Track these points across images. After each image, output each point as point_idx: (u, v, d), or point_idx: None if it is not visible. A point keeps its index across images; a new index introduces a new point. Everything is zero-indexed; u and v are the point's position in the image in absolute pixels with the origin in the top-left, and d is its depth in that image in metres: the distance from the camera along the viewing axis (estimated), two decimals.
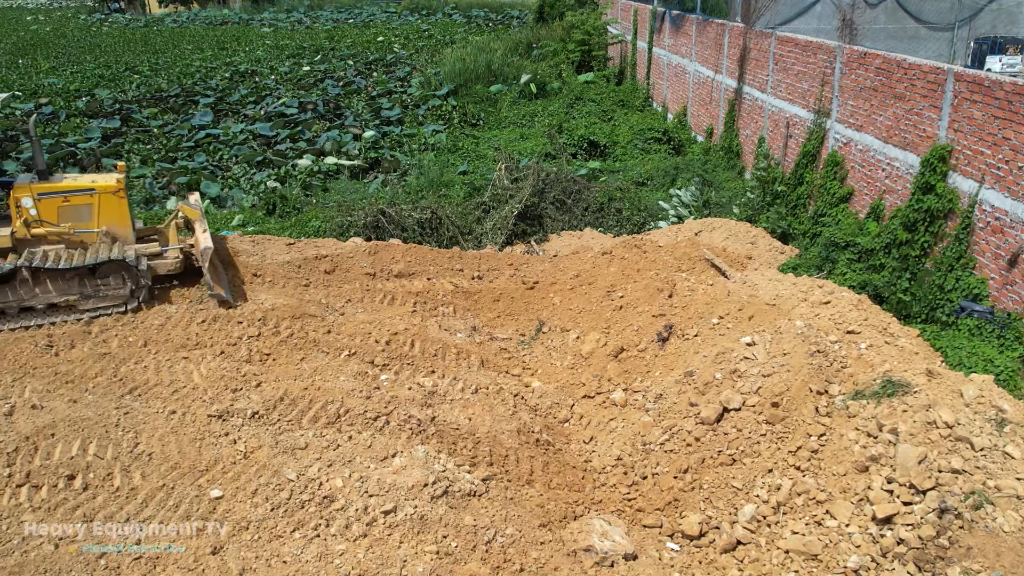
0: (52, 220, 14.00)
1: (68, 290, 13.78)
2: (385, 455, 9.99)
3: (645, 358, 12.89)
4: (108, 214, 14.35)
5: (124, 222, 14.57)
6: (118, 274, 13.98)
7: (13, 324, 13.45)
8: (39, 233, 13.95)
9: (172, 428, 10.37)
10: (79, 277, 13.78)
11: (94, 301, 13.95)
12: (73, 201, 14.09)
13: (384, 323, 13.96)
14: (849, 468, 9.36)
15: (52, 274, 13.60)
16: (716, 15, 30.91)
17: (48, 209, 13.94)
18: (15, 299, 13.52)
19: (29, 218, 13.83)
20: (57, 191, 14.02)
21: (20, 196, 13.74)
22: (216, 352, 12.59)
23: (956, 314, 13.45)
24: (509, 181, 22.86)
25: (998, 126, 13.30)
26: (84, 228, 14.23)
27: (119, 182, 14.46)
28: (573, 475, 10.97)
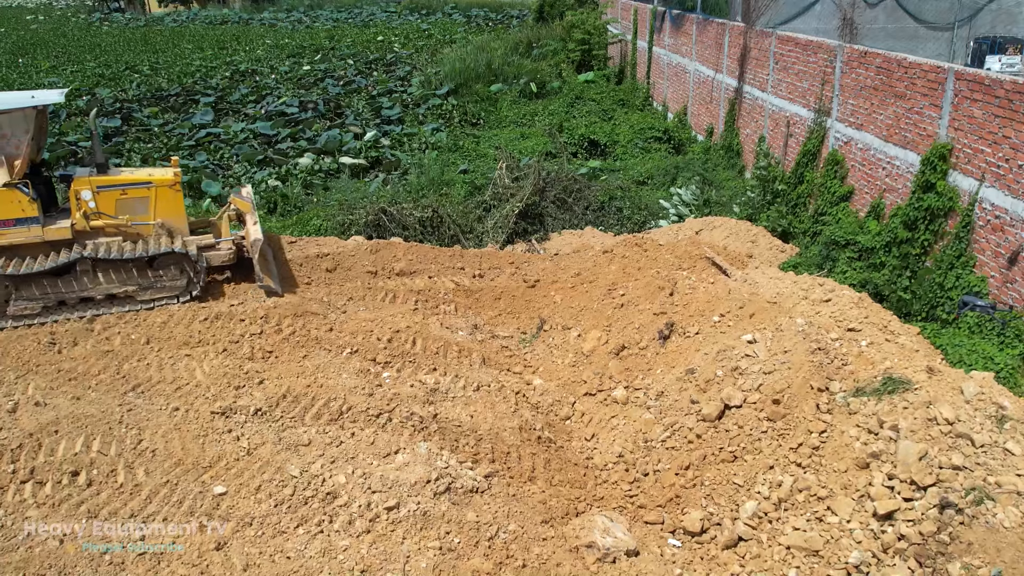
0: (110, 212, 14.32)
1: (127, 281, 14.16)
2: (388, 452, 10.02)
3: (646, 356, 12.92)
4: (164, 207, 14.72)
5: (179, 215, 14.93)
6: (175, 265, 14.40)
7: (72, 314, 13.81)
8: (97, 225, 14.25)
9: (175, 425, 10.41)
10: (137, 268, 14.18)
11: (152, 292, 14.33)
12: (131, 194, 14.44)
13: (386, 321, 13.99)
14: (850, 465, 9.39)
15: (112, 265, 13.99)
16: (716, 14, 30.94)
17: (106, 202, 14.26)
18: (76, 290, 13.89)
19: (88, 211, 14.13)
20: (115, 184, 14.34)
21: (80, 189, 14.04)
22: (219, 349, 12.64)
23: (958, 309, 13.49)
24: (510, 180, 22.90)
25: (998, 124, 13.35)
26: (141, 220, 14.56)
27: (176, 175, 14.82)
28: (575, 472, 11.00)
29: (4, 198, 13.48)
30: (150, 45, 63.88)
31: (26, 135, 13.64)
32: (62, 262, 13.64)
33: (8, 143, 13.56)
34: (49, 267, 13.54)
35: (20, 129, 13.59)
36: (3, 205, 13.52)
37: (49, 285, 13.79)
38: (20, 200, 13.55)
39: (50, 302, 13.86)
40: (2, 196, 13.47)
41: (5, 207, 13.54)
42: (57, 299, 13.89)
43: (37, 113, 13.83)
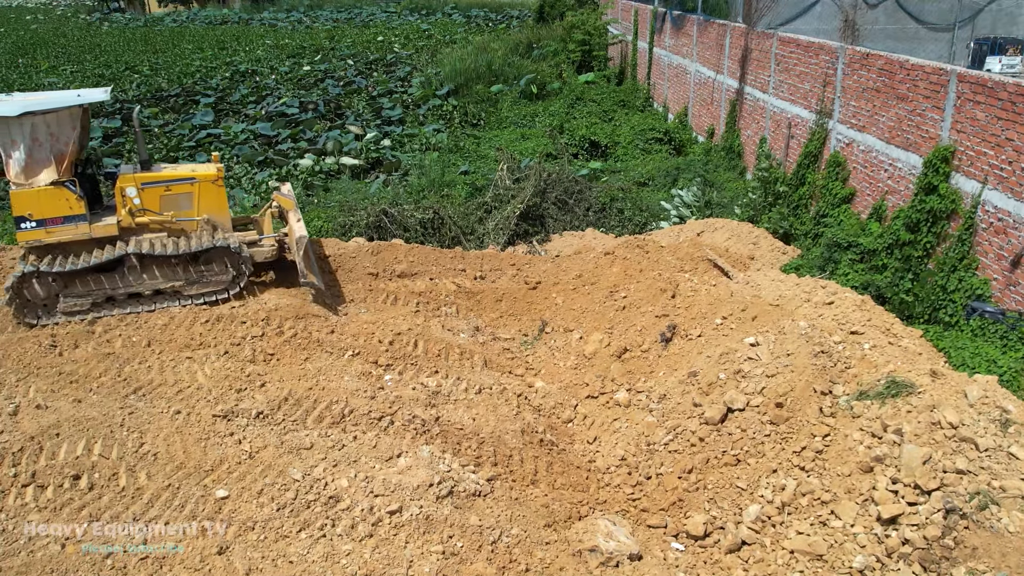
0: (154, 209, 14.46)
1: (174, 276, 14.33)
2: (390, 455, 10.00)
3: (648, 358, 12.90)
4: (207, 202, 14.82)
5: (222, 210, 15.04)
6: (220, 260, 14.55)
7: (122, 310, 13.99)
8: (143, 222, 14.41)
9: (177, 428, 10.38)
10: (184, 263, 14.35)
11: (198, 287, 14.50)
12: (174, 190, 14.58)
13: (387, 323, 13.97)
14: (854, 468, 9.37)
15: (158, 261, 14.16)
16: (717, 15, 30.93)
17: (151, 198, 14.39)
18: (124, 286, 14.07)
19: (133, 207, 14.25)
20: (160, 180, 14.49)
21: (125, 186, 14.18)
22: (220, 352, 12.61)
23: (966, 315, 13.44)
24: (511, 181, 22.88)
25: (1001, 127, 13.32)
26: (185, 216, 14.69)
27: (219, 171, 14.88)
28: (577, 475, 10.98)
29: (52, 196, 13.60)
30: (150, 45, 63.84)
31: (73, 133, 13.78)
32: (109, 258, 13.80)
33: (56, 142, 13.64)
34: (96, 263, 13.70)
35: (67, 128, 13.71)
36: (51, 203, 13.63)
37: (97, 282, 13.97)
38: (68, 198, 13.69)
39: (99, 298, 14.03)
40: (50, 194, 13.59)
41: (53, 205, 13.65)
42: (105, 295, 14.06)
43: (83, 111, 14.01)
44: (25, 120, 13.26)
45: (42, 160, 13.58)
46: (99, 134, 32.28)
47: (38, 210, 13.58)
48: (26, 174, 13.55)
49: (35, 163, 13.55)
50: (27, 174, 13.55)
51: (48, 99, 13.63)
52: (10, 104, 13.10)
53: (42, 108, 13.32)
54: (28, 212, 13.55)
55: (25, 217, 13.55)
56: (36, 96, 14.00)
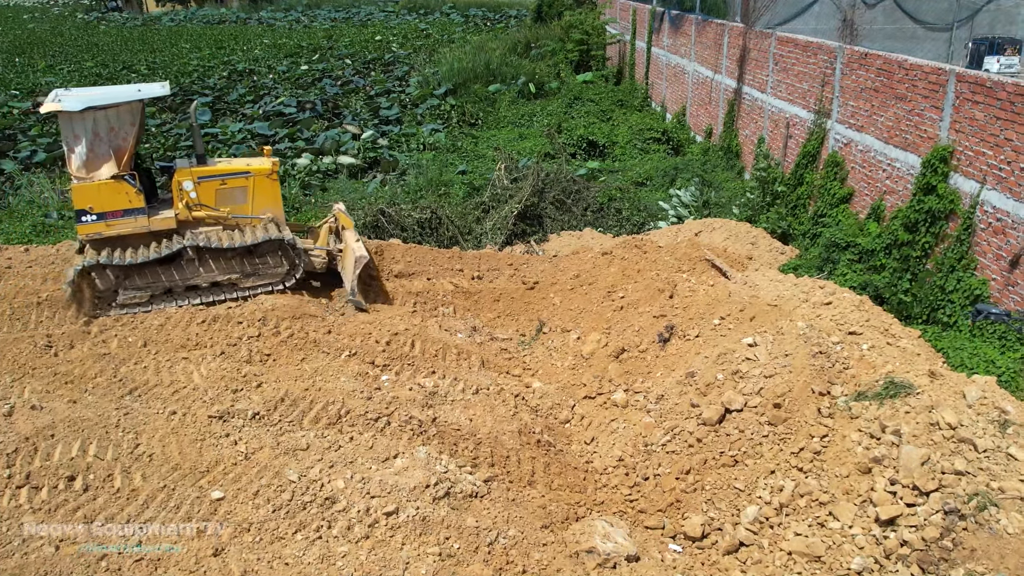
0: (210, 203, 14.68)
1: (231, 269, 14.63)
2: (387, 456, 9.96)
3: (646, 359, 12.86)
4: (262, 196, 15.06)
5: (277, 204, 15.31)
6: (276, 254, 14.84)
7: (181, 301, 14.29)
8: (199, 216, 14.61)
9: (173, 429, 10.33)
10: (240, 256, 14.61)
11: (254, 279, 14.80)
12: (230, 184, 14.81)
13: (384, 323, 13.93)
14: (852, 469, 9.34)
15: (216, 253, 14.43)
16: (715, 15, 30.89)
17: (207, 192, 14.61)
18: (182, 278, 14.31)
19: (190, 201, 14.46)
20: (216, 174, 14.70)
21: (182, 180, 14.39)
22: (216, 352, 12.56)
23: (972, 318, 13.36)
24: (508, 181, 22.83)
25: (1000, 127, 13.29)
26: (240, 210, 14.93)
27: (274, 165, 15.16)
28: (575, 476, 10.94)
29: (112, 190, 13.79)
30: (147, 45, 63.75)
31: (132, 128, 14.00)
32: (168, 251, 13.98)
33: (115, 136, 13.83)
34: (156, 257, 13.92)
35: (127, 122, 13.91)
36: (111, 196, 13.84)
37: (156, 274, 14.19)
38: (128, 192, 13.88)
39: (157, 291, 14.25)
40: (111, 188, 13.77)
41: (113, 198, 13.86)
42: (164, 288, 14.27)
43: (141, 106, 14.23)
44: (87, 115, 13.45)
45: (102, 154, 13.79)
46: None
47: (99, 203, 13.79)
48: (87, 168, 13.76)
49: (96, 157, 13.76)
50: (88, 168, 13.77)
51: (109, 94, 13.92)
52: (73, 99, 13.29)
53: (104, 103, 13.52)
54: (89, 205, 13.80)
55: (86, 210, 13.79)
56: (97, 91, 14.30)
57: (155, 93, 14.19)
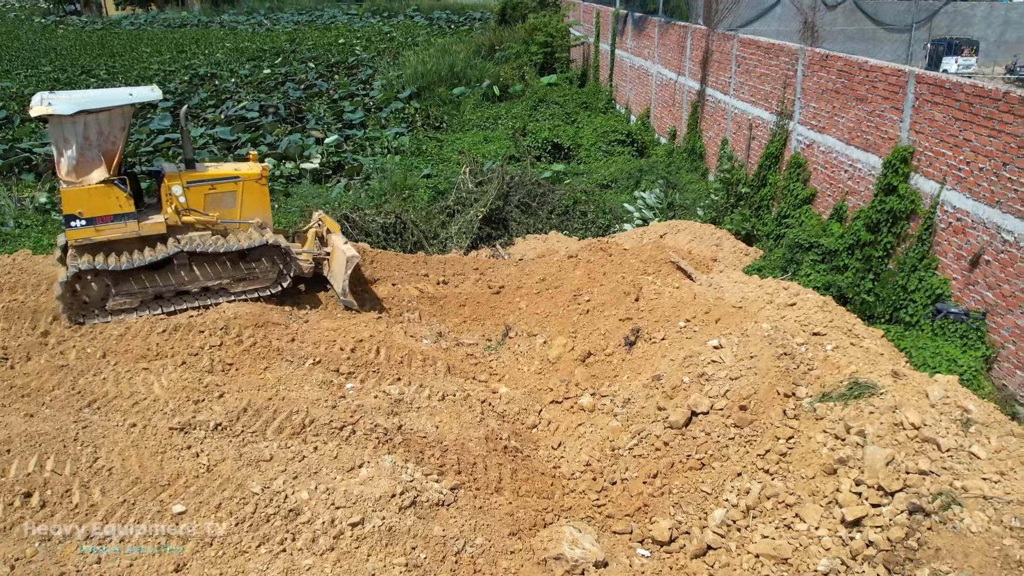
0: (198, 208, 14.58)
1: (222, 274, 14.53)
2: (351, 466, 9.84)
3: (612, 362, 12.85)
4: (250, 201, 15.00)
5: (265, 209, 15.27)
6: (268, 258, 14.82)
7: (170, 307, 14.09)
8: (189, 220, 14.52)
9: (132, 442, 10.14)
10: (231, 261, 14.56)
11: (245, 284, 14.75)
12: (219, 189, 14.72)
13: (349, 330, 13.79)
14: (818, 471, 9.37)
15: (208, 258, 14.37)
16: (678, 17, 31.03)
17: (195, 197, 14.52)
18: (174, 283, 14.21)
19: (179, 206, 14.35)
20: (205, 179, 14.61)
21: (172, 184, 14.28)
22: (177, 363, 12.36)
23: (932, 317, 13.50)
24: (473, 184, 22.75)
25: (959, 128, 13.43)
26: (228, 215, 14.84)
27: (263, 170, 15.07)
28: (542, 482, 10.89)
29: (102, 194, 13.61)
30: (107, 49, 62.95)
31: (123, 132, 13.88)
32: (162, 256, 13.89)
33: (105, 140, 13.64)
34: (149, 261, 13.81)
35: (117, 126, 13.76)
36: (101, 201, 13.65)
37: (147, 279, 14.05)
38: (118, 196, 13.71)
39: (147, 296, 14.08)
40: (101, 192, 13.60)
41: (103, 203, 13.67)
42: (154, 293, 14.12)
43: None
44: (78, 119, 13.26)
45: (92, 158, 13.60)
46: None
47: (88, 208, 13.61)
48: (77, 172, 13.58)
49: (86, 161, 13.57)
50: (78, 172, 13.58)
51: (100, 97, 13.67)
52: (64, 103, 13.08)
53: (95, 107, 13.31)
54: (78, 210, 13.60)
55: (75, 215, 13.59)
56: (87, 94, 13.98)
57: (147, 98, 13.97)
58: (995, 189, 12.67)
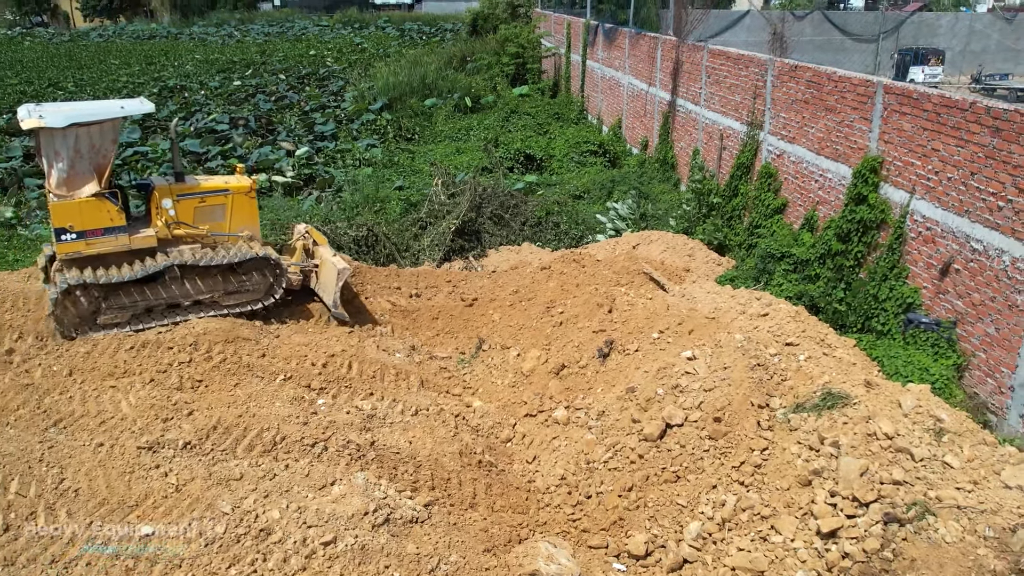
0: (188, 221, 14.52)
1: (213, 287, 14.53)
2: (323, 483, 9.70)
3: (586, 375, 12.80)
4: (240, 214, 14.95)
5: (254, 222, 15.25)
6: (260, 271, 14.84)
7: (160, 321, 14.05)
8: (179, 234, 14.48)
9: (100, 462, 9.96)
10: (222, 274, 14.55)
11: (236, 296, 14.77)
12: (209, 202, 14.68)
13: (320, 345, 13.66)
14: (792, 482, 9.36)
15: (200, 271, 14.35)
16: (649, 28, 31.18)
17: (185, 210, 14.48)
18: (165, 297, 14.16)
19: (169, 219, 14.29)
20: (195, 192, 14.57)
21: (162, 197, 14.23)
22: (145, 380, 12.15)
23: (903, 327, 13.56)
24: (446, 196, 22.66)
25: (927, 138, 13.54)
26: (218, 228, 14.81)
27: (253, 183, 15.11)
28: (517, 496, 10.80)
29: (94, 208, 13.48)
30: (75, 61, 62.32)
31: (113, 145, 13.76)
32: (154, 269, 13.84)
33: (96, 153, 13.52)
34: (142, 275, 13.74)
35: (108, 139, 13.65)
36: (93, 214, 13.52)
37: (138, 293, 13.97)
38: (109, 210, 13.60)
39: (138, 310, 14.02)
40: (92, 206, 13.47)
41: (94, 216, 13.54)
42: (145, 307, 14.06)
43: None
44: (70, 132, 13.13)
45: (84, 171, 13.46)
46: (19, 153, 31.26)
47: (79, 221, 13.46)
48: (67, 185, 13.43)
49: (76, 174, 13.42)
50: (68, 186, 13.42)
51: (91, 110, 13.56)
52: (56, 115, 12.95)
53: (87, 120, 13.20)
54: (69, 224, 13.41)
55: (65, 229, 13.41)
56: (78, 107, 13.97)
57: (138, 110, 13.94)
58: (964, 199, 12.78)
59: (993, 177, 12.24)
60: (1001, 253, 12.17)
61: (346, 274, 14.78)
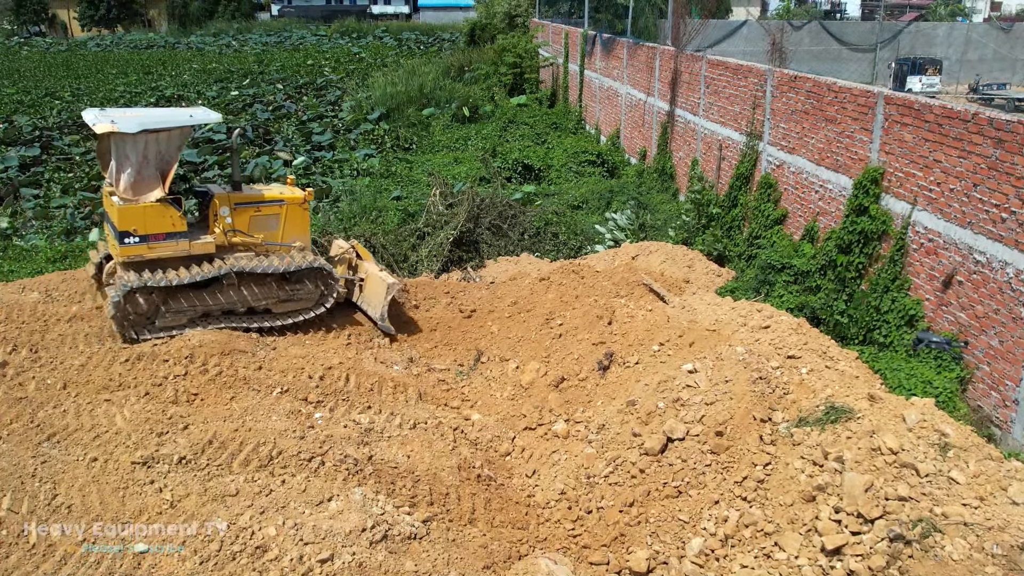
0: (243, 229, 14.73)
1: (268, 294, 14.79)
2: (320, 499, 9.57)
3: (586, 387, 12.69)
4: (292, 225, 15.21)
5: (305, 233, 15.51)
6: (312, 280, 15.10)
7: (216, 325, 14.31)
8: (235, 241, 14.69)
9: (93, 477, 9.81)
10: (276, 282, 14.81)
11: (289, 305, 15.02)
12: (264, 211, 14.93)
13: (318, 357, 13.54)
14: (796, 498, 9.24)
15: (255, 279, 14.60)
16: (646, 38, 31.17)
17: (242, 218, 14.70)
18: (222, 302, 14.43)
19: (226, 227, 14.50)
20: (251, 201, 14.83)
21: (221, 205, 14.46)
22: (140, 393, 12.01)
23: (913, 346, 13.37)
24: (443, 207, 22.56)
25: (929, 148, 13.46)
26: (271, 237, 15.06)
27: (308, 194, 15.42)
28: (516, 511, 10.67)
29: (157, 213, 13.72)
30: (72, 70, 62.29)
31: (178, 152, 14.05)
32: (214, 274, 14.05)
33: (162, 159, 13.78)
34: (201, 278, 13.95)
35: (174, 147, 13.91)
36: (156, 219, 13.76)
37: (196, 298, 14.22)
38: (172, 215, 13.85)
39: (195, 315, 14.28)
40: (156, 211, 13.70)
41: (158, 221, 13.79)
42: (202, 311, 14.32)
43: None
44: (140, 138, 13.35)
45: (150, 177, 13.68)
46: (15, 163, 31.15)
47: (143, 226, 13.69)
48: (134, 190, 13.60)
49: (143, 180, 13.63)
50: (135, 190, 13.61)
51: (162, 117, 13.91)
52: (128, 121, 13.17)
53: (157, 126, 13.48)
54: (133, 227, 13.62)
55: (130, 232, 13.62)
56: (149, 113, 14.31)
57: (207, 119, 14.31)
58: (966, 210, 12.69)
59: (996, 189, 12.16)
60: (1005, 265, 12.08)
61: (395, 289, 15.07)
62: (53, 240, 22.44)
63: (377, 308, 15.29)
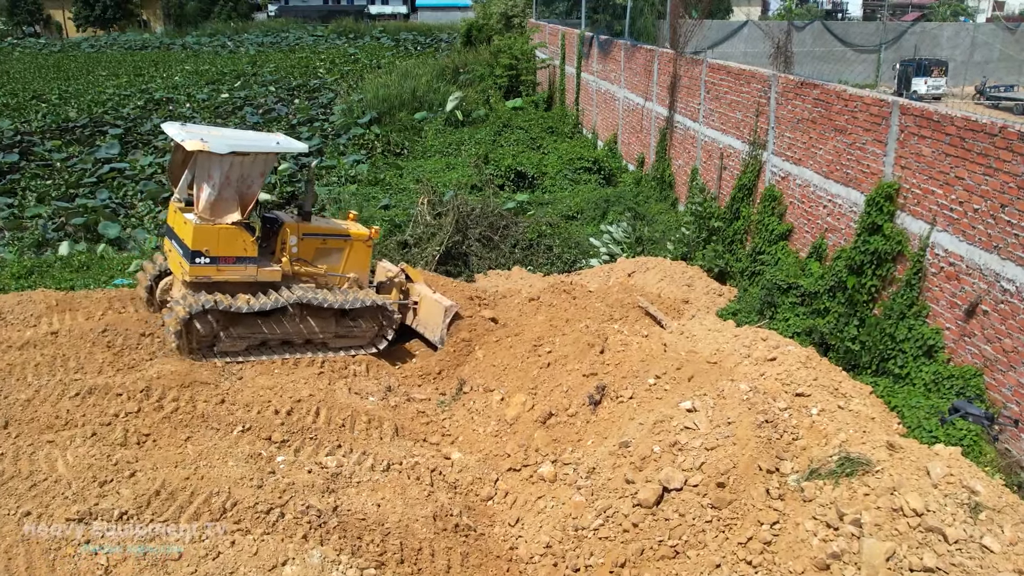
0: (308, 259, 14.70)
1: (326, 328, 14.49)
2: (274, 563, 8.53)
3: (576, 424, 11.66)
4: (354, 260, 15.13)
5: (365, 269, 15.41)
6: (370, 316, 14.88)
7: (271, 356, 14.08)
8: (299, 271, 14.60)
9: (24, 536, 8.76)
10: (335, 316, 14.53)
11: (345, 340, 14.75)
12: (329, 244, 14.90)
13: (287, 388, 12.52)
14: (808, 565, 8.22)
15: (314, 311, 14.33)
16: (644, 40, 30.15)
17: (307, 248, 14.66)
18: (279, 332, 14.19)
19: (292, 256, 14.42)
20: (319, 233, 14.78)
21: (289, 234, 14.37)
22: (87, 434, 10.93)
23: (948, 415, 11.86)
24: (432, 217, 21.53)
25: (950, 164, 12.38)
26: (332, 270, 14.97)
27: (374, 232, 15.41)
28: (496, 568, 9.66)
29: (232, 236, 13.55)
30: (62, 72, 61.28)
31: (261, 178, 13.84)
32: (280, 303, 13.84)
33: (243, 183, 13.58)
34: (270, 307, 13.78)
35: (258, 172, 13.70)
36: (230, 242, 13.58)
37: (256, 325, 13.97)
38: (245, 239, 13.68)
39: (254, 342, 14.03)
40: (230, 233, 13.52)
41: (231, 244, 13.61)
42: (262, 339, 14.08)
43: None
44: (227, 159, 13.13)
45: (229, 199, 13.53)
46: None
47: (215, 247, 13.51)
48: (212, 211, 13.42)
49: (222, 201, 13.46)
50: (213, 211, 13.43)
51: (250, 141, 13.76)
52: (218, 141, 12.97)
53: (245, 150, 13.28)
54: (206, 248, 13.44)
55: (201, 252, 13.43)
56: (238, 134, 14.30)
57: (294, 149, 14.08)
58: (992, 232, 11.59)
59: None
60: None
61: (453, 311, 14.91)
62: (22, 253, 21.41)
63: (436, 331, 15.11)
